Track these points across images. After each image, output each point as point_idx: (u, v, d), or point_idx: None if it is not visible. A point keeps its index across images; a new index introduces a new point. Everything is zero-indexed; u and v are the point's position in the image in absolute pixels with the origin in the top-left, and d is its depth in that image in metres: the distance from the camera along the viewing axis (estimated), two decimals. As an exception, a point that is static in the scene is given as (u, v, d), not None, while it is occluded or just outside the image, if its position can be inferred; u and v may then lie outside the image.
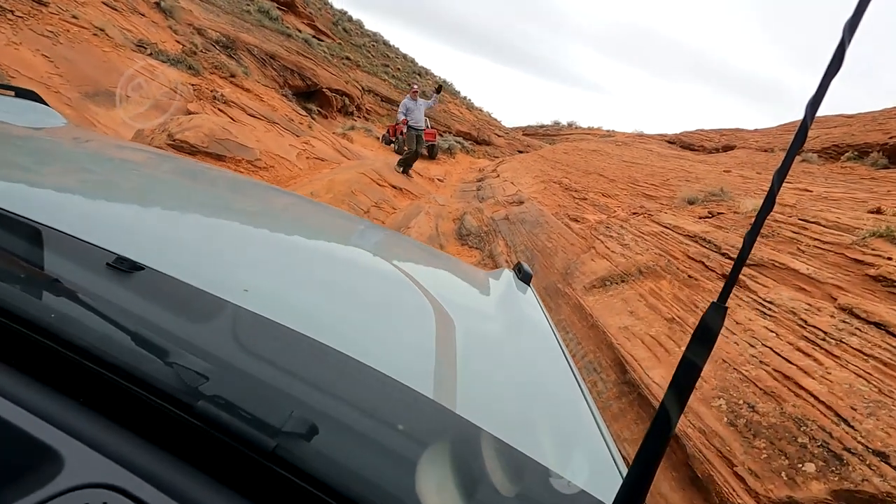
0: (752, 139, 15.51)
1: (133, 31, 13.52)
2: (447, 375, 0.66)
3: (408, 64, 33.40)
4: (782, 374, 2.31)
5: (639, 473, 0.33)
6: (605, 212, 6.07)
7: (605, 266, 3.87)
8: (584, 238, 4.65)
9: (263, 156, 7.58)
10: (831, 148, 12.82)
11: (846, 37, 0.28)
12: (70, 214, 0.72)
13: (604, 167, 11.16)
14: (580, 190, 7.54)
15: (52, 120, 1.41)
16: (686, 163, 12.50)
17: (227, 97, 12.33)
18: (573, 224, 5.16)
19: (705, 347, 0.32)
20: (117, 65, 11.44)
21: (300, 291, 0.78)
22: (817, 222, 3.89)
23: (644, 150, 15.01)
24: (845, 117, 14.76)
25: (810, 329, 2.57)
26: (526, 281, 1.44)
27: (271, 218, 1.24)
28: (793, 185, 7.70)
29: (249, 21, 20.32)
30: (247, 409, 0.38)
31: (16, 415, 0.36)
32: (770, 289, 3.08)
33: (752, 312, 2.88)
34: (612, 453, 0.69)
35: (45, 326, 0.41)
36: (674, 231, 4.28)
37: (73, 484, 0.33)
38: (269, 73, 18.69)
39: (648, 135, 20.48)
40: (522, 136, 32.00)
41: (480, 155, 24.84)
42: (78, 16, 11.74)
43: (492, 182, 11.97)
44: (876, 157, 11.35)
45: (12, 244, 0.51)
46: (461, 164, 19.62)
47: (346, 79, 21.76)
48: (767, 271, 3.30)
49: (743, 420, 2.15)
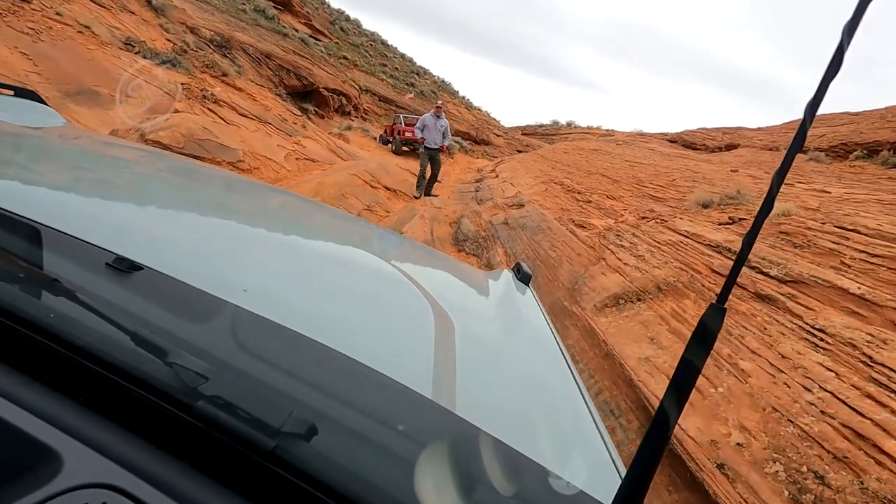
0: (755, 138, 14.99)
1: (121, 29, 13.04)
2: (446, 376, 0.65)
3: (406, 63, 32.87)
4: (853, 432, 1.82)
5: (637, 474, 0.32)
6: (611, 216, 5.56)
7: (617, 281, 3.37)
8: (591, 247, 4.14)
9: (247, 157, 7.07)
10: (839, 146, 12.36)
11: (845, 39, 0.28)
12: (69, 214, 0.71)
13: (606, 167, 10.66)
14: (583, 191, 7.05)
15: (51, 119, 1.41)
16: (690, 162, 12.00)
17: (218, 96, 11.87)
18: (579, 231, 4.65)
19: (704, 348, 0.31)
20: (102, 63, 10.94)
21: (299, 291, 0.77)
22: (856, 230, 3.40)
23: (646, 150, 14.49)
24: (851, 115, 14.29)
25: (878, 368, 2.07)
26: (525, 282, 1.41)
27: (271, 218, 1.23)
28: (808, 186, 7.20)
29: (245, 20, 19.86)
30: (246, 409, 0.37)
31: (15, 415, 0.36)
32: (817, 312, 2.58)
33: (801, 344, 2.38)
34: (611, 454, 0.67)
35: (44, 326, 0.41)
36: (693, 240, 3.78)
37: (73, 484, 0.33)
38: (265, 73, 18.24)
39: (649, 134, 19.97)
40: (521, 136, 31.52)
41: (479, 155, 24.41)
42: (62, 13, 11.24)
43: (490, 183, 11.49)
44: (886, 156, 10.89)
45: (12, 244, 0.51)
46: (459, 164, 19.12)
47: (343, 78, 21.30)
48: (809, 290, 2.80)
49: (810, 497, 1.65)
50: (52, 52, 9.88)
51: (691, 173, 9.52)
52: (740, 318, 2.73)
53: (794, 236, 3.50)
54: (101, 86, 9.75)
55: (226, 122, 9.94)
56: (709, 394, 2.23)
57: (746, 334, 2.55)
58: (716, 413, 2.10)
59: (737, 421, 2.02)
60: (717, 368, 2.38)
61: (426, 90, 29.03)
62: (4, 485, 0.32)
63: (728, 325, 2.68)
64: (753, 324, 2.63)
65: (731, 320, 2.73)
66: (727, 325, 2.68)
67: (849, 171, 10.72)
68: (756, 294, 2.92)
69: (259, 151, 7.65)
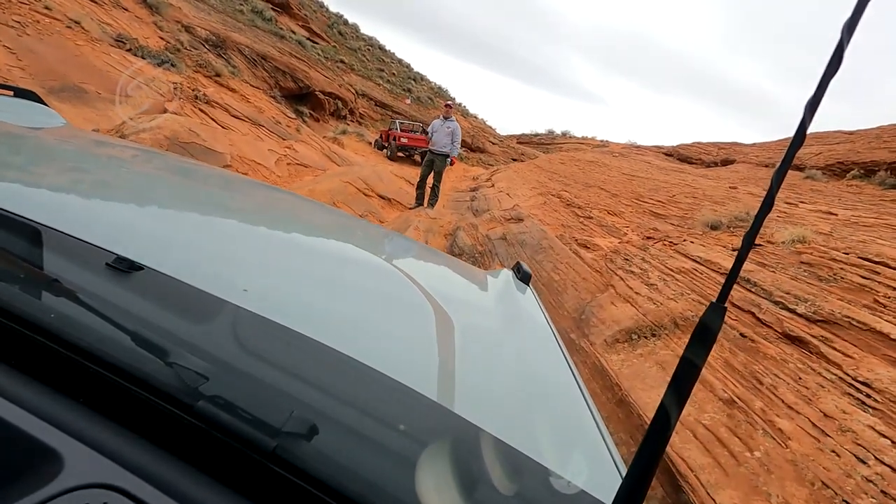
0: (751, 153, 14.85)
1: (113, 26, 12.65)
2: (446, 375, 0.65)
3: (403, 69, 32.60)
4: (927, 522, 1.51)
5: (638, 474, 0.31)
6: (614, 234, 5.27)
7: (629, 313, 3.06)
8: (598, 272, 3.83)
9: (235, 161, 6.71)
10: (835, 164, 12.25)
11: (844, 37, 0.28)
12: (69, 214, 0.70)
13: (604, 180, 10.41)
14: (583, 206, 6.76)
15: (51, 120, 1.39)
16: (688, 177, 11.80)
17: (210, 97, 11.52)
18: (584, 252, 4.34)
19: (704, 348, 0.31)
20: (90, 59, 10.52)
21: (300, 291, 0.76)
22: (885, 263, 3.13)
23: (643, 163, 14.28)
24: (846, 133, 14.23)
25: (943, 437, 1.78)
26: (525, 281, 1.39)
27: (271, 217, 1.19)
28: (812, 207, 6.98)
29: (242, 21, 19.53)
30: (247, 409, 0.37)
31: (16, 415, 0.36)
32: (857, 361, 2.28)
33: (845, 400, 2.08)
34: (612, 453, 0.67)
35: (44, 326, 0.40)
36: (708, 267, 3.48)
37: (73, 484, 0.33)
38: (260, 74, 17.90)
39: (644, 146, 19.84)
40: (517, 144, 31.35)
41: (474, 162, 24.20)
42: (51, 7, 10.83)
43: (486, 192, 11.20)
44: (884, 176, 10.76)
45: (12, 244, 0.51)
46: (454, 172, 18.84)
47: (339, 82, 20.99)
48: (844, 332, 2.51)
49: None
50: (38, 46, 9.45)
51: (690, 189, 9.29)
52: (770, 364, 2.43)
53: (817, 268, 3.22)
54: (88, 83, 9.34)
55: (217, 124, 9.57)
56: (744, 459, 1.92)
57: (780, 384, 2.25)
58: (755, 485, 1.79)
59: (781, 497, 1.72)
60: (751, 426, 2.07)
61: (423, 96, 28.76)
62: (6, 485, 0.31)
63: (757, 372, 2.38)
64: (786, 372, 2.33)
65: (759, 366, 2.43)
66: (756, 372, 2.38)
67: (847, 190, 10.56)
68: (784, 335, 2.63)
69: (248, 156, 7.29)
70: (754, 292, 3.06)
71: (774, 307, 2.88)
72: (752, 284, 3.13)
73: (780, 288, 3.02)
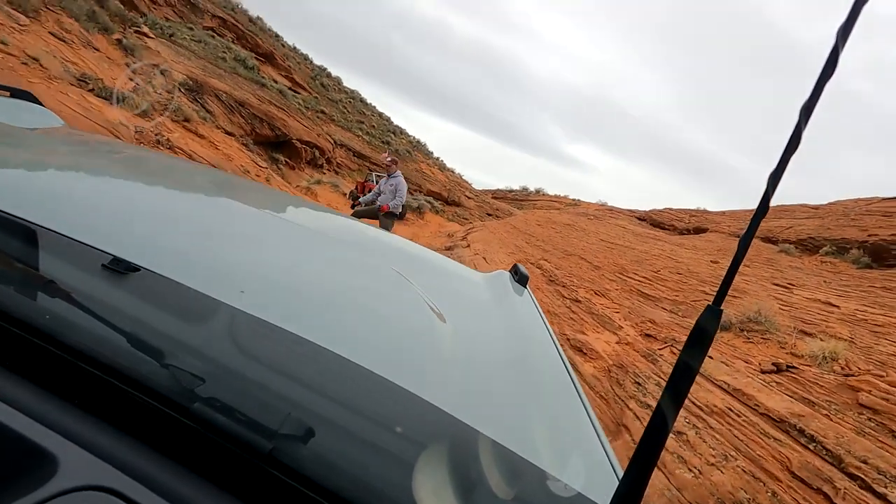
0: (722, 223, 14.73)
1: (79, 65, 11.76)
2: (443, 376, 0.64)
3: (383, 122, 32.57)
4: None
5: (635, 476, 0.31)
6: (608, 326, 4.49)
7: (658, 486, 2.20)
8: (605, 399, 2.98)
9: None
10: (807, 240, 12.09)
11: (839, 41, 0.27)
12: (66, 215, 0.68)
13: (584, 247, 9.81)
14: (568, 284, 6.01)
15: (47, 120, 1.38)
16: (666, 246, 11.37)
17: (174, 142, 10.65)
18: (581, 362, 3.50)
19: (700, 350, 0.31)
20: (44, 98, 9.51)
21: (296, 293, 0.74)
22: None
23: (618, 227, 13.92)
24: (811, 208, 14.27)
25: None
26: (522, 283, 1.36)
27: (267, 219, 1.16)
28: (808, 294, 6.41)
29: (223, 67, 19.02)
30: (243, 411, 0.36)
31: (10, 417, 0.35)
32: None
33: None
34: (609, 455, 0.65)
35: (40, 328, 0.39)
36: (743, 403, 2.67)
37: (68, 486, 0.32)
38: (237, 121, 17.22)
39: (617, 208, 19.77)
40: (491, 199, 31.26)
41: (450, 216, 23.73)
42: (7, 42, 9.90)
43: (462, 253, 10.45)
44: (857, 255, 10.53)
45: (8, 245, 0.50)
46: (430, 226, 18.20)
47: (318, 131, 20.50)
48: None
49: None
50: (-20, 81, 8.46)
51: (673, 262, 8.73)
52: None
53: (883, 415, 2.46)
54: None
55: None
56: None
57: None
58: None
59: None
60: None
61: (401, 149, 28.58)
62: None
63: None
64: None
65: None
66: None
67: (825, 269, 10.21)
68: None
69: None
70: (817, 452, 2.24)
71: (852, 484, 2.06)
72: (810, 440, 2.32)
73: (849, 450, 2.22)
